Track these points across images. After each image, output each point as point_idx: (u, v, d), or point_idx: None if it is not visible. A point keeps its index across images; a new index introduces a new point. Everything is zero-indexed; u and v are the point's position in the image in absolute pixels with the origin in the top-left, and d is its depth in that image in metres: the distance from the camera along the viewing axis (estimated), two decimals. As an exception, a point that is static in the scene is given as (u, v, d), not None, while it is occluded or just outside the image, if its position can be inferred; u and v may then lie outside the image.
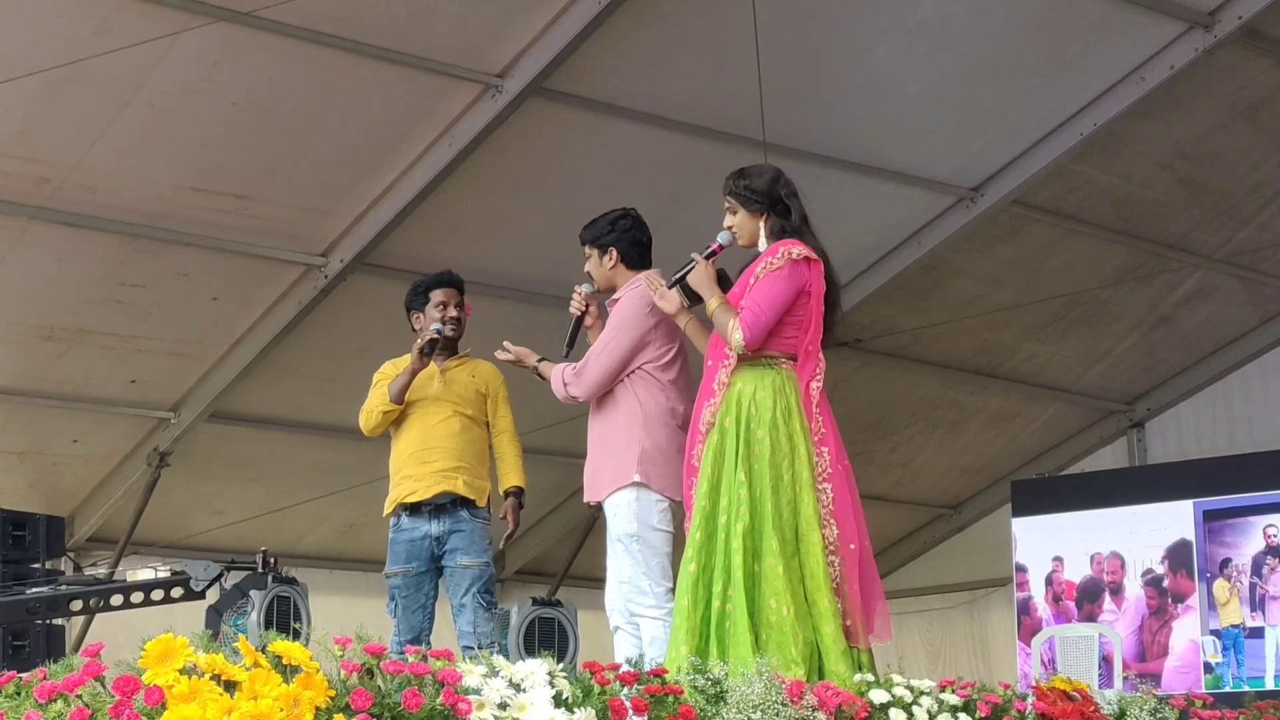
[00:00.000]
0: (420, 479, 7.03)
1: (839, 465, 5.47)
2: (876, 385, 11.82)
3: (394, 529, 7.09)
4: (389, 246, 9.37)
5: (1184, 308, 11.85)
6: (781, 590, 5.24)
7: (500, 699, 3.69)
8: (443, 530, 7.02)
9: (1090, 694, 5.29)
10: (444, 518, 7.02)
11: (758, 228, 5.60)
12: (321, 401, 10.42)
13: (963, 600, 13.43)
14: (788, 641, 5.19)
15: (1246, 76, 9.85)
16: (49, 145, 8.28)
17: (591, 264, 6.37)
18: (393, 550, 7.06)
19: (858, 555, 5.41)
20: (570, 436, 8.12)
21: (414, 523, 7.03)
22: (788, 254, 5.47)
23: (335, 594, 10.79)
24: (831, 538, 5.37)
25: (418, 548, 7.02)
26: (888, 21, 8.97)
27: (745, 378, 5.48)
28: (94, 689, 3.28)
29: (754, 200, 5.61)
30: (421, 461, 7.05)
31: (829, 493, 5.41)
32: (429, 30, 8.23)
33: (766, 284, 5.45)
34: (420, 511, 7.03)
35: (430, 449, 7.06)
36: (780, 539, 5.30)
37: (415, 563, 7.02)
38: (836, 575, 5.35)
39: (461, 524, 7.04)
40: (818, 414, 5.48)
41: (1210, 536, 11.11)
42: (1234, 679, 10.75)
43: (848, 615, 5.33)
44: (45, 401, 9.87)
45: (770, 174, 5.67)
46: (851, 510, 5.44)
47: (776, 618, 5.22)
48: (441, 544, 7.02)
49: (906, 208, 10.41)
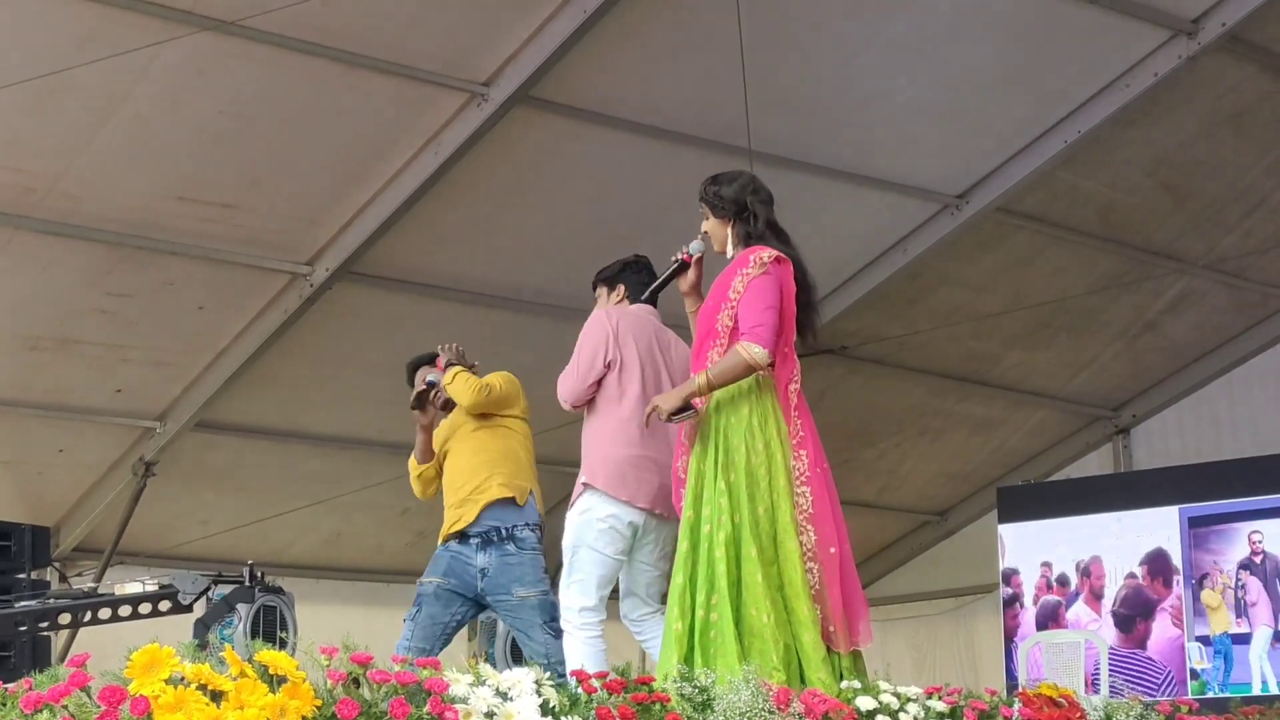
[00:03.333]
0: (458, 506, 6.98)
1: (818, 468, 5.44)
2: (863, 392, 11.84)
3: (443, 547, 7.01)
4: (375, 255, 9.37)
5: (1169, 315, 11.88)
6: (760, 598, 5.23)
7: (487, 707, 3.69)
8: (487, 563, 6.89)
9: (1076, 700, 5.30)
10: (491, 549, 6.91)
11: (726, 234, 5.61)
12: (308, 411, 10.42)
13: (949, 607, 13.45)
14: (768, 648, 5.19)
15: (1230, 84, 9.88)
16: (34, 155, 8.27)
17: (600, 303, 6.48)
18: (436, 560, 6.98)
19: (838, 559, 5.38)
20: (559, 444, 8.13)
21: (463, 549, 6.95)
22: (759, 259, 5.46)
23: (322, 603, 10.77)
24: (809, 543, 5.34)
25: (461, 569, 6.91)
26: (872, 30, 8.99)
27: (727, 389, 5.45)
28: (80, 699, 3.27)
29: (721, 206, 5.62)
30: (455, 489, 7.02)
31: (808, 495, 5.38)
32: (414, 39, 8.23)
33: (753, 293, 5.43)
34: (468, 540, 6.95)
35: (452, 481, 7.05)
36: (758, 546, 5.29)
37: (453, 579, 6.91)
38: (815, 582, 5.33)
39: (509, 557, 6.91)
40: (796, 417, 5.46)
41: (1195, 543, 11.13)
42: (1220, 685, 10.77)
43: (829, 621, 5.31)
44: (31, 411, 9.86)
45: (741, 180, 5.68)
46: (831, 514, 5.41)
47: (757, 625, 5.21)
48: (487, 577, 6.89)
49: (891, 215, 10.42)
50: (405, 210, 9.07)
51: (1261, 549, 10.90)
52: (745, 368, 5.37)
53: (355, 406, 10.36)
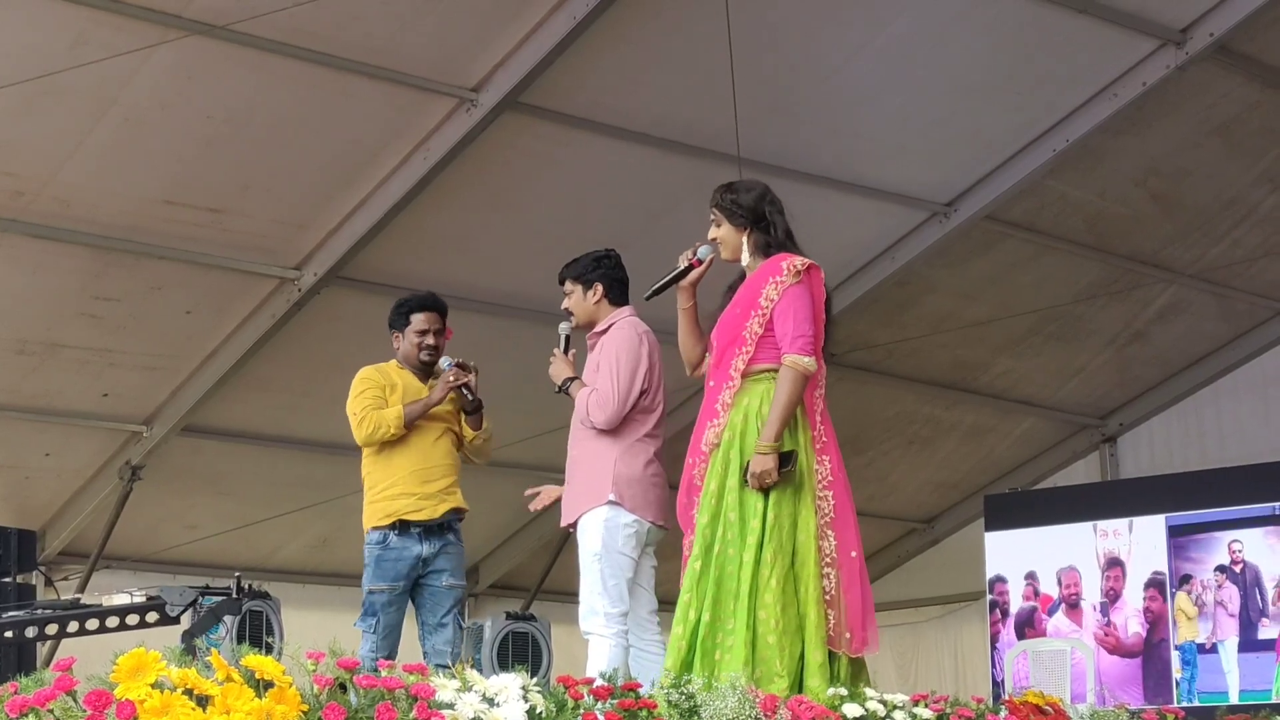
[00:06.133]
0: (426, 498, 7.00)
1: (839, 474, 5.51)
2: (851, 400, 11.84)
3: (380, 545, 7.00)
4: (364, 260, 9.36)
5: (1157, 323, 11.90)
6: (772, 603, 5.29)
7: (474, 713, 3.69)
8: (431, 552, 6.99)
9: (1063, 708, 5.31)
10: (434, 539, 7.00)
11: (741, 242, 5.63)
12: (295, 415, 10.41)
13: (935, 614, 13.46)
14: (773, 655, 5.25)
15: (1219, 93, 9.90)
16: (23, 158, 8.26)
17: (574, 300, 6.46)
18: (379, 566, 6.99)
19: (857, 564, 5.48)
20: (545, 450, 8.14)
21: (404, 542, 6.98)
22: (793, 268, 5.51)
23: (309, 608, 10.75)
24: (830, 549, 5.42)
25: (406, 566, 6.98)
26: (862, 38, 9.00)
27: (751, 393, 5.51)
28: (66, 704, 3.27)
29: (739, 214, 5.65)
30: (424, 480, 7.02)
31: (830, 500, 5.46)
32: (404, 44, 8.23)
33: (790, 302, 5.47)
34: (410, 531, 7.00)
35: (432, 468, 7.04)
36: (779, 550, 5.35)
37: (402, 581, 6.98)
38: (831, 587, 5.40)
39: (449, 546, 7.05)
40: (820, 423, 5.53)
41: (1175, 552, 11.16)
42: (1198, 694, 10.80)
43: (843, 626, 5.39)
44: (18, 414, 9.84)
45: (758, 190, 5.72)
46: (851, 519, 5.51)
47: (764, 629, 5.28)
48: (427, 564, 7.00)
49: (880, 223, 10.43)
50: (394, 215, 9.07)
51: (1241, 558, 10.93)
52: (802, 381, 5.42)
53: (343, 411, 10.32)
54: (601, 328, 6.41)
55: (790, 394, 5.38)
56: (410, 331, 7.19)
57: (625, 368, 6.22)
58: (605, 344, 6.33)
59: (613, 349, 6.27)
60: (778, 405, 5.37)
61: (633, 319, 6.39)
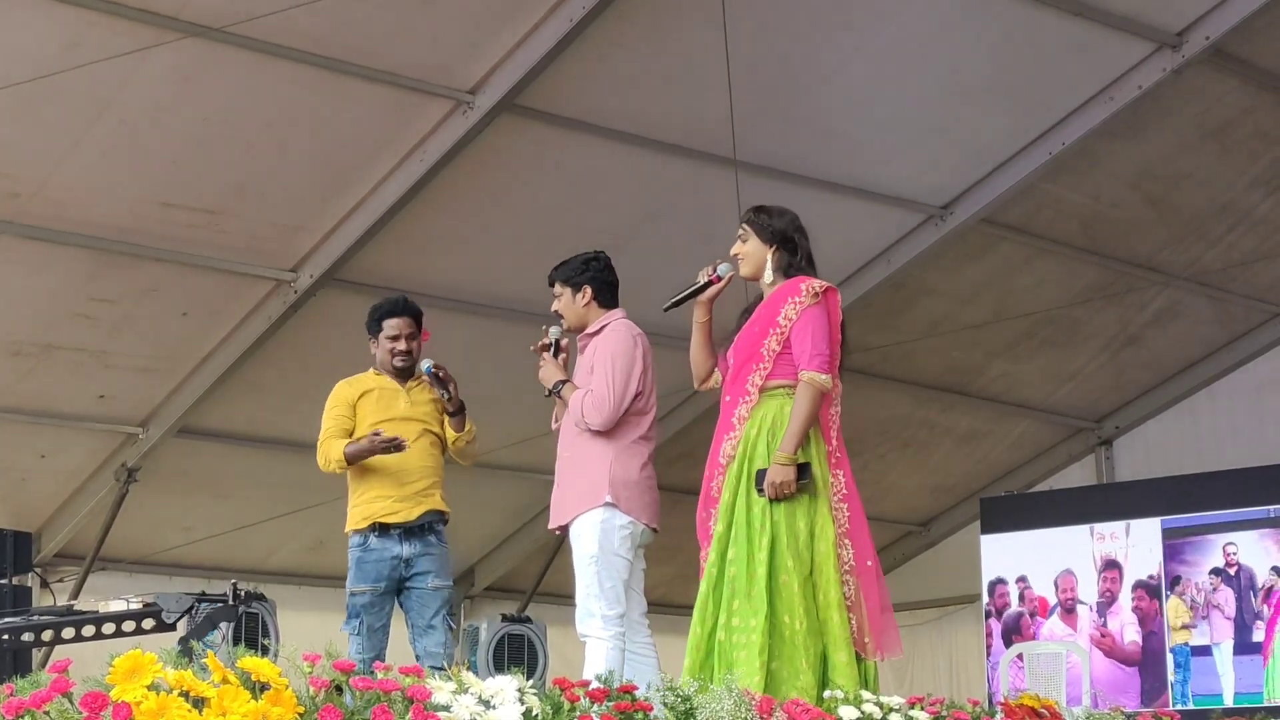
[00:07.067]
0: (401, 499, 7.03)
1: (853, 487, 5.72)
2: (846, 403, 11.65)
3: (361, 547, 7.05)
4: (359, 262, 9.36)
5: (1152, 327, 11.91)
6: (795, 606, 5.43)
7: (470, 715, 3.69)
8: (413, 553, 7.01)
9: (1058, 710, 5.32)
10: (415, 540, 7.03)
11: (765, 258, 5.81)
12: (291, 417, 10.39)
13: (931, 617, 13.45)
14: (798, 654, 5.39)
15: (1214, 97, 9.91)
16: (18, 160, 8.25)
17: (563, 303, 6.47)
18: (360, 568, 7.02)
19: (874, 571, 5.65)
20: (539, 453, 8.14)
21: (384, 543, 7.01)
22: (811, 290, 5.70)
23: (304, 610, 10.75)
24: (848, 558, 5.60)
25: (386, 568, 7.01)
26: (858, 41, 9.01)
27: (767, 407, 5.69)
28: (62, 705, 3.27)
29: (768, 232, 5.85)
30: (401, 483, 7.04)
31: (845, 511, 5.66)
32: (401, 46, 8.23)
33: (808, 322, 5.66)
34: (390, 533, 7.01)
35: (408, 469, 7.06)
36: (795, 557, 5.49)
37: (383, 582, 7.00)
38: (851, 594, 5.55)
39: (431, 548, 7.07)
40: (835, 437, 5.73)
41: (1169, 554, 11.17)
42: (1193, 696, 10.80)
43: (864, 632, 5.52)
44: (13, 416, 9.82)
45: (789, 216, 5.94)
46: (865, 529, 5.69)
47: (789, 632, 5.41)
48: (410, 566, 7.02)
49: (875, 226, 10.43)
50: (390, 218, 9.07)
51: (1236, 561, 10.94)
52: (819, 397, 5.63)
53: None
54: (593, 330, 6.42)
55: (808, 409, 5.59)
56: (383, 338, 7.24)
57: (621, 369, 6.23)
58: (599, 345, 6.34)
59: (607, 350, 6.28)
60: (796, 419, 5.57)
61: (625, 321, 6.41)
